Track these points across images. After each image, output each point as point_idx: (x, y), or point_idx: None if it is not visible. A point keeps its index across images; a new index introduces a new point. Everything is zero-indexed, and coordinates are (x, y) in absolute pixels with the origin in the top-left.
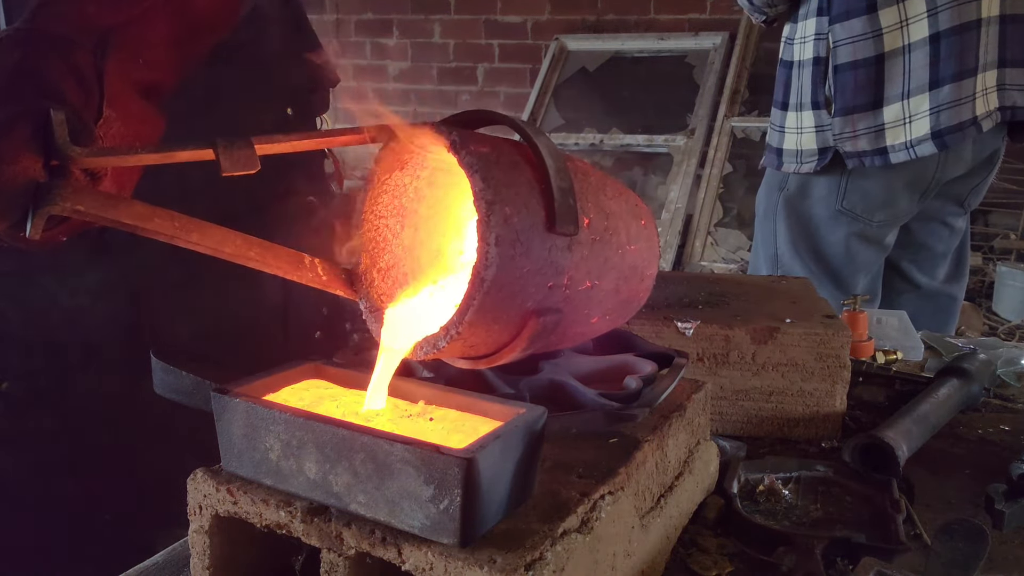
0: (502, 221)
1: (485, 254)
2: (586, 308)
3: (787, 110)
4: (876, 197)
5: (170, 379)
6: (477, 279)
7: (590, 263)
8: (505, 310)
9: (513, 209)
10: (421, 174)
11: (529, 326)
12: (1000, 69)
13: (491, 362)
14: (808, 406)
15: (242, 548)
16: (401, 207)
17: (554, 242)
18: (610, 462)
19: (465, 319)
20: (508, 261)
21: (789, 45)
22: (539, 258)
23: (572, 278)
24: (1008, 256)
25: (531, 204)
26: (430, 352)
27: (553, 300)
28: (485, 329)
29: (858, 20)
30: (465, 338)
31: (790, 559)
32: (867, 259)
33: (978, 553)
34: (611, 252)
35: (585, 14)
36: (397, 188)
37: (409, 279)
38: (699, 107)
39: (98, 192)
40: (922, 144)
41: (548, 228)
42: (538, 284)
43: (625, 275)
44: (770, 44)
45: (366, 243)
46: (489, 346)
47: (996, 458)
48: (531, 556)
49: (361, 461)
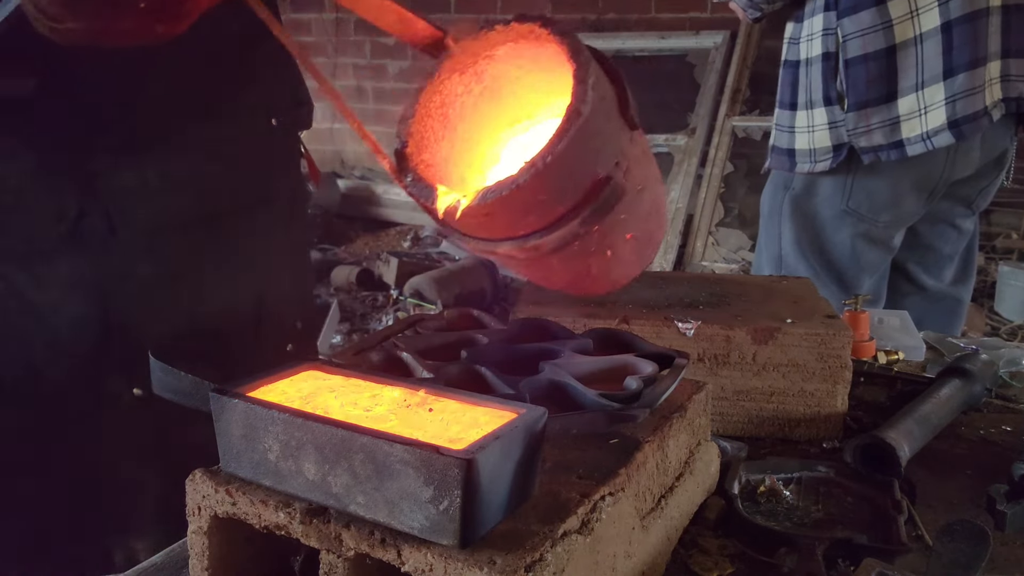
0: (595, 75)
1: (583, 92)
2: (629, 213)
3: (796, 110)
4: (882, 197)
5: (169, 379)
6: (573, 113)
7: (640, 168)
8: (584, 160)
9: (598, 79)
10: (473, 88)
11: (597, 190)
12: (1004, 60)
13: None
14: (809, 406)
15: (241, 549)
16: (447, 116)
17: (623, 126)
18: (610, 463)
19: (557, 148)
20: (597, 110)
21: (794, 45)
22: (614, 128)
23: (630, 169)
24: (1010, 256)
25: (609, 87)
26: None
27: (617, 175)
28: (562, 176)
29: (867, 12)
30: (545, 178)
31: (791, 560)
32: (872, 260)
33: (980, 554)
34: (650, 175)
35: (586, 13)
36: (449, 95)
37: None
38: (700, 106)
39: None
40: (939, 135)
41: (621, 111)
42: (609, 154)
43: (656, 205)
44: (771, 43)
45: (413, 132)
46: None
47: (998, 459)
48: (531, 557)
49: (360, 462)
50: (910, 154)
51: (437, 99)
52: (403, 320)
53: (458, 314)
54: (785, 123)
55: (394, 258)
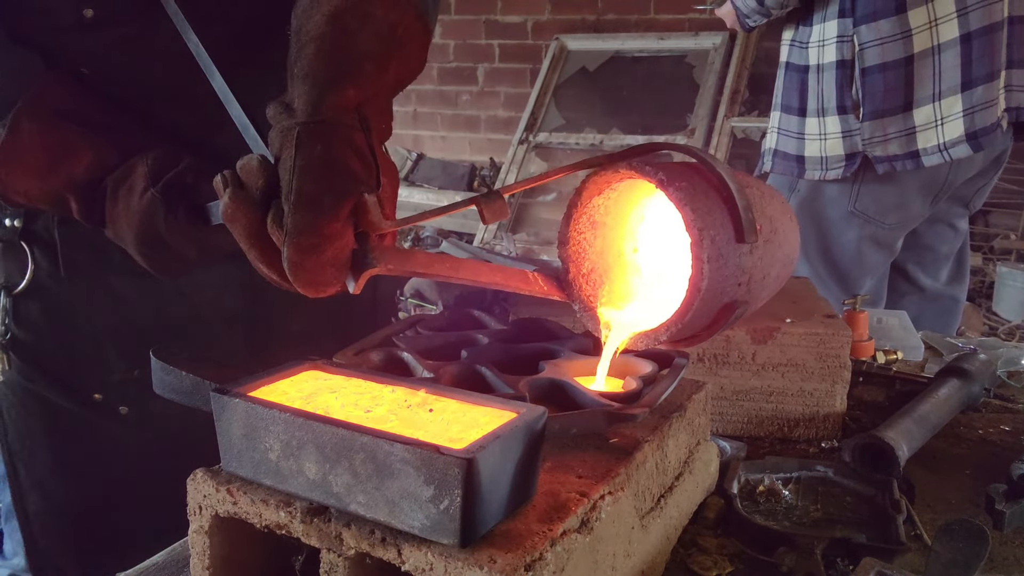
0: (710, 243)
1: (700, 271)
2: (760, 295)
3: (806, 116)
4: (889, 200)
5: (169, 379)
6: (694, 290)
7: (764, 261)
8: (710, 307)
9: (715, 231)
10: (611, 196)
11: (723, 315)
12: (1008, 71)
13: (687, 344)
14: (808, 406)
15: (242, 548)
16: (594, 221)
17: (741, 250)
18: (610, 462)
19: (685, 319)
20: (714, 272)
21: (801, 48)
22: (733, 265)
23: (752, 276)
24: (1008, 256)
25: (725, 223)
26: (650, 344)
27: (740, 294)
28: (693, 324)
29: (886, 21)
30: (679, 332)
31: (790, 559)
32: (875, 262)
33: (978, 553)
34: (776, 249)
35: (585, 14)
36: (592, 208)
37: (603, 279)
38: (699, 107)
39: (394, 249)
40: (957, 146)
41: (737, 240)
42: (731, 284)
43: (784, 263)
44: (770, 44)
45: (572, 255)
46: (690, 333)
47: (996, 458)
48: (531, 556)
49: (361, 461)
50: (927, 164)
51: (584, 219)
52: (404, 320)
53: (458, 314)
54: (793, 129)
55: None
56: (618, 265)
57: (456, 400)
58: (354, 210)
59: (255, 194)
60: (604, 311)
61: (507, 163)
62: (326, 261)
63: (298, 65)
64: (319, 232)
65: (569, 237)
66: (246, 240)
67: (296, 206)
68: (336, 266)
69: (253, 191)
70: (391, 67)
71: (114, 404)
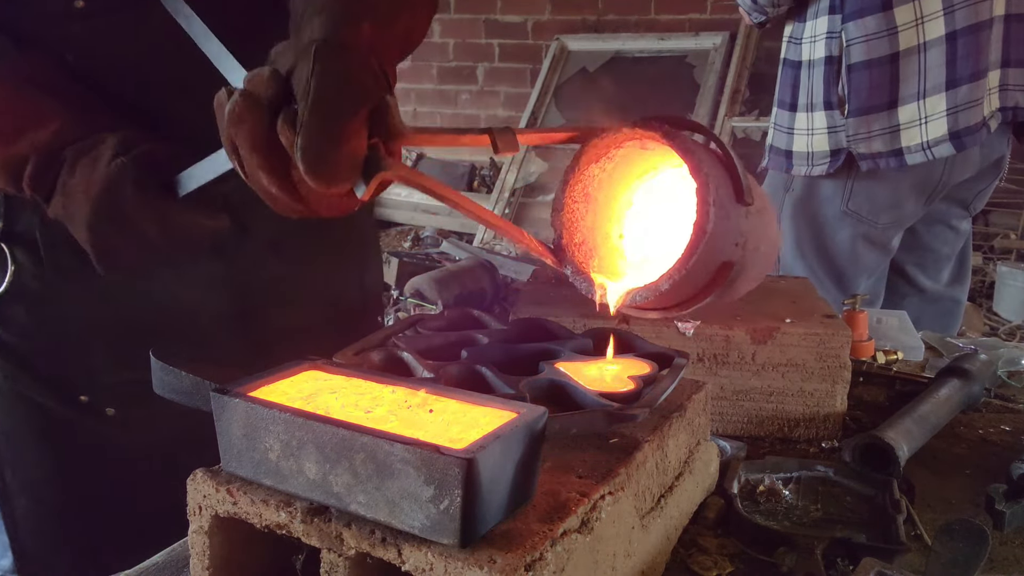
0: (715, 189)
1: (707, 213)
2: (751, 267)
3: (796, 111)
4: (882, 199)
5: (169, 379)
6: (700, 231)
7: (758, 230)
8: (711, 259)
9: (718, 182)
10: (607, 167)
11: (722, 275)
12: (1003, 69)
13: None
14: (808, 406)
15: (242, 548)
16: (588, 194)
17: (740, 209)
18: (610, 462)
19: (689, 264)
20: (719, 220)
21: (796, 44)
22: (733, 221)
23: (748, 239)
24: (1008, 256)
25: (725, 180)
26: (650, 295)
27: (737, 255)
28: (694, 276)
29: (872, 18)
30: (681, 284)
31: (790, 559)
32: (871, 262)
33: (978, 553)
34: (766, 223)
35: (586, 14)
36: (588, 178)
37: (594, 253)
38: (699, 107)
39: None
40: (940, 145)
41: (737, 199)
42: (730, 241)
43: (772, 241)
44: (771, 44)
45: (564, 221)
46: (686, 295)
47: (996, 458)
48: (531, 556)
49: (361, 461)
50: (910, 163)
51: (580, 187)
52: (404, 320)
53: (458, 314)
54: (784, 124)
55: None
56: (605, 246)
57: (456, 400)
58: (370, 116)
59: (264, 102)
60: (599, 276)
61: (507, 163)
62: (342, 156)
63: (311, 7)
64: (338, 125)
65: (564, 204)
66: (250, 143)
67: (316, 103)
68: (349, 165)
69: (262, 99)
70: (402, 17)
71: (101, 406)
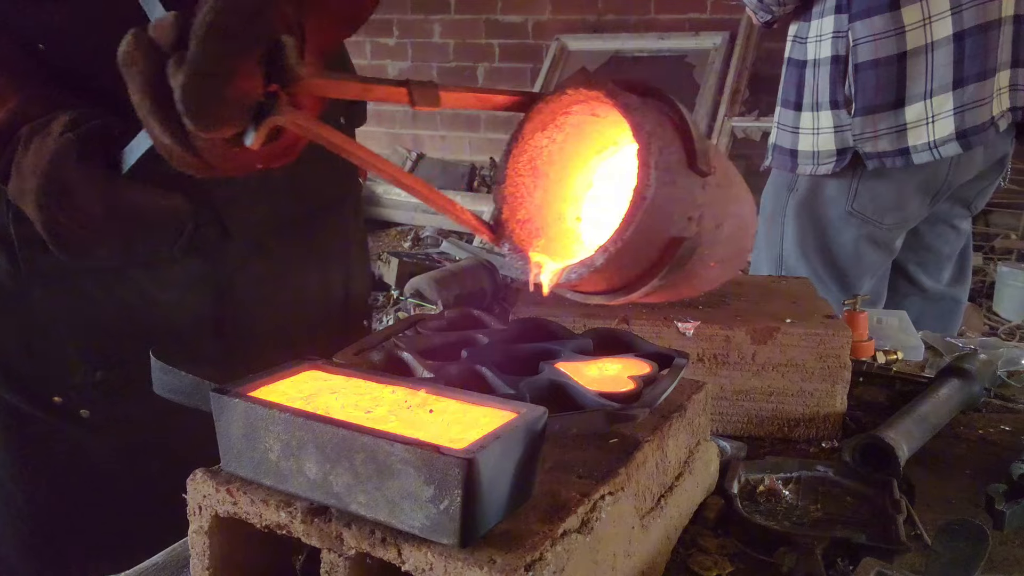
0: (658, 151)
1: (647, 176)
2: (710, 248)
3: (801, 110)
4: (887, 199)
5: (169, 379)
6: (639, 198)
7: (717, 205)
8: (655, 232)
9: (664, 144)
10: (556, 137)
11: (671, 251)
12: (1013, 69)
13: (627, 296)
14: (808, 406)
15: (242, 548)
16: (536, 168)
17: (693, 179)
18: (610, 462)
19: (626, 235)
20: (662, 186)
21: (800, 43)
22: (682, 190)
23: (704, 214)
24: (1009, 256)
25: (675, 144)
26: (584, 273)
27: (691, 231)
28: (636, 251)
29: (880, 17)
30: (619, 257)
31: (790, 559)
32: (875, 262)
33: (978, 553)
34: (730, 200)
35: (585, 14)
36: (535, 149)
37: (540, 233)
38: (699, 107)
39: (308, 113)
40: (946, 144)
41: (689, 165)
42: (680, 214)
43: (739, 224)
44: (771, 44)
45: (506, 195)
46: (632, 274)
47: (996, 458)
48: (531, 556)
49: (361, 461)
50: (916, 162)
51: (524, 158)
52: (404, 320)
53: (458, 314)
54: (789, 123)
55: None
56: (557, 228)
57: (456, 400)
58: (271, 56)
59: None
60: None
61: None
62: (226, 97)
63: None
64: (223, 63)
65: (506, 176)
66: (140, 88)
67: (204, 37)
68: (236, 107)
69: (163, 45)
70: None
71: (75, 407)
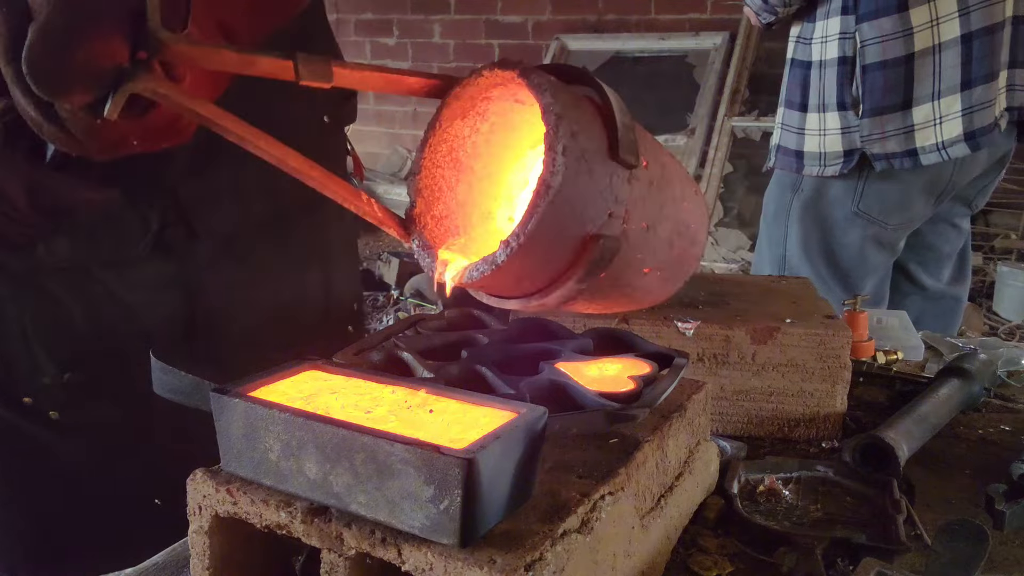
0: (569, 135)
1: (552, 162)
2: (641, 252)
3: (807, 111)
4: (893, 200)
5: (169, 379)
6: (543, 187)
7: (647, 204)
8: (566, 227)
9: (579, 128)
10: (481, 127)
11: (587, 250)
12: (1010, 70)
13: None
14: (808, 406)
15: (242, 548)
16: (458, 160)
17: (616, 171)
18: (610, 462)
19: (528, 228)
20: (573, 175)
21: (805, 44)
22: (601, 181)
23: (630, 213)
24: (1009, 256)
25: (595, 130)
26: (487, 270)
27: (612, 229)
28: (544, 248)
29: (888, 19)
30: (524, 254)
31: (790, 559)
32: (878, 262)
33: (978, 553)
34: (666, 200)
35: (586, 14)
36: (456, 139)
37: (460, 232)
38: (699, 107)
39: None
40: (955, 146)
41: (611, 155)
42: (598, 208)
43: (679, 230)
44: (771, 44)
45: (422, 188)
46: (543, 275)
47: (996, 458)
48: (531, 556)
49: (361, 461)
50: (924, 163)
51: (444, 148)
52: (404, 320)
53: (458, 314)
54: (794, 124)
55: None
56: (484, 227)
57: (456, 400)
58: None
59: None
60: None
61: None
62: (74, 61)
63: None
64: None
65: (423, 167)
66: (3, 52)
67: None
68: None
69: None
70: None
71: (44, 409)
